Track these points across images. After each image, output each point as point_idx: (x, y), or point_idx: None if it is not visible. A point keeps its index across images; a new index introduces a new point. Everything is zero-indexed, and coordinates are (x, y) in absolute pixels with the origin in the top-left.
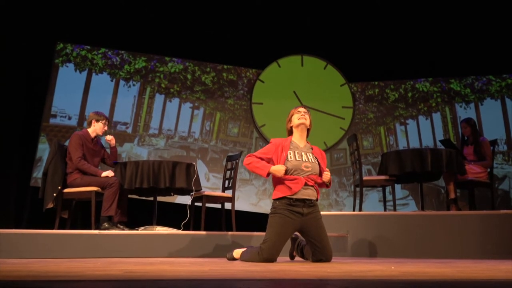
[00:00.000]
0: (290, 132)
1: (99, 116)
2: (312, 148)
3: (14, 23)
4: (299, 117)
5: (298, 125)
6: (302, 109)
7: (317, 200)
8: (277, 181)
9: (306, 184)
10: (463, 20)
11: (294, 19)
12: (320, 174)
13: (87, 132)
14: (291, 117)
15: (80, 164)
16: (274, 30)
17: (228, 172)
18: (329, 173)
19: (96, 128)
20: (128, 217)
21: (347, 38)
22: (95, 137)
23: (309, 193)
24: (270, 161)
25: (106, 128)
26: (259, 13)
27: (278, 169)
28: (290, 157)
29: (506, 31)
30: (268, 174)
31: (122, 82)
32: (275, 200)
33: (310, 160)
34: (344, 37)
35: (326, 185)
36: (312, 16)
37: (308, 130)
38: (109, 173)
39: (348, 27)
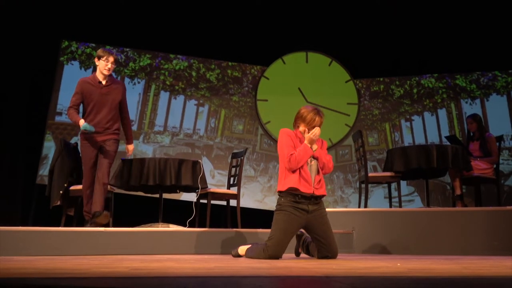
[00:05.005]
0: (296, 127)
1: (101, 52)
2: None
3: (19, 21)
4: (312, 134)
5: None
6: (317, 124)
7: (322, 196)
8: (288, 175)
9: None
10: (468, 16)
11: (299, 15)
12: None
13: (94, 76)
14: (301, 122)
15: (67, 114)
16: (278, 26)
17: (233, 169)
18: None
19: (99, 68)
20: (132, 215)
21: (352, 35)
22: (107, 79)
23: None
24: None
25: (109, 65)
26: (264, 9)
27: (312, 139)
28: None
29: None
30: (311, 150)
31: (127, 80)
32: (280, 196)
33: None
34: (349, 34)
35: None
36: (317, 13)
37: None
38: (82, 123)
39: (352, 23)
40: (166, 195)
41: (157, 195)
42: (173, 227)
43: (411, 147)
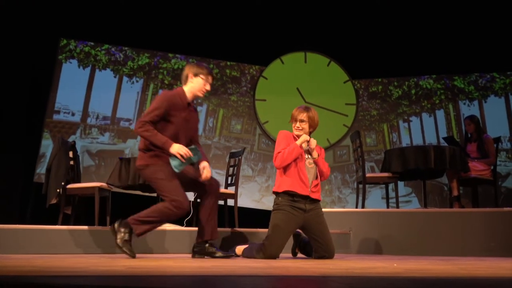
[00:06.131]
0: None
1: (198, 68)
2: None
3: (18, 19)
4: (295, 129)
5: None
6: (300, 117)
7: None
8: (286, 176)
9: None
10: (467, 17)
11: (298, 15)
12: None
13: (183, 93)
14: (292, 121)
15: (140, 129)
16: (277, 26)
17: (231, 169)
18: (315, 142)
19: (194, 86)
20: (129, 213)
21: (351, 35)
22: (193, 100)
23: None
24: None
25: (208, 87)
26: (263, 9)
27: (303, 139)
28: None
29: (510, 28)
30: (299, 149)
31: (125, 79)
32: (277, 196)
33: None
34: (347, 34)
35: (316, 161)
36: (316, 13)
37: (311, 131)
38: (180, 149)
39: (351, 24)
40: None
41: (155, 194)
42: (171, 226)
43: (409, 148)
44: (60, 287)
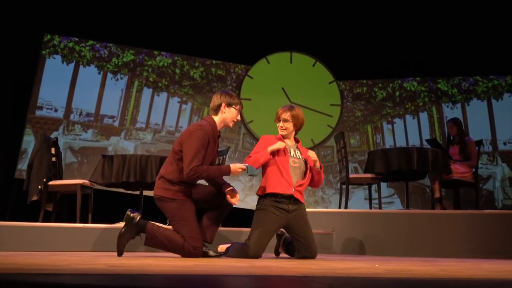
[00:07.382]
0: None
1: (231, 98)
2: (298, 144)
3: (1, 13)
4: (279, 128)
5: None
6: (283, 117)
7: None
8: (269, 176)
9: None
10: (452, 21)
11: (284, 15)
12: (306, 171)
13: (215, 125)
14: (276, 120)
15: (195, 176)
16: (263, 26)
17: None
18: (314, 153)
19: (226, 117)
20: (112, 211)
21: (337, 36)
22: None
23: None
24: None
25: (239, 117)
26: (249, 8)
27: (277, 146)
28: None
29: (494, 33)
30: (271, 154)
31: (109, 75)
32: (261, 196)
33: (298, 157)
34: (333, 35)
35: (317, 171)
36: (302, 13)
37: (296, 130)
38: (237, 169)
39: (337, 25)
40: (146, 192)
41: (137, 193)
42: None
43: (392, 149)
44: (40, 285)
